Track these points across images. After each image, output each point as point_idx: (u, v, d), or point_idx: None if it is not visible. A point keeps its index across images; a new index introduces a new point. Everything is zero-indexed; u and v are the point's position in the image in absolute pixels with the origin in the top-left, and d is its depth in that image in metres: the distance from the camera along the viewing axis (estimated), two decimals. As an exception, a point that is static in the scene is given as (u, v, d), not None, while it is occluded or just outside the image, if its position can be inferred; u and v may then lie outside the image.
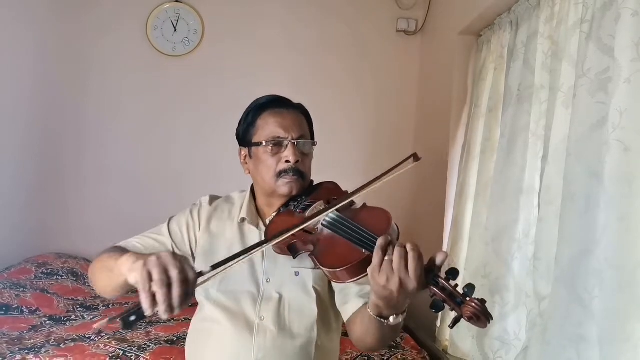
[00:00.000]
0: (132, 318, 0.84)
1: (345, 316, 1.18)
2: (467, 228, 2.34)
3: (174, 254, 0.90)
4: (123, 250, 1.17)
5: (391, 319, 0.96)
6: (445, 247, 2.54)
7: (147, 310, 0.84)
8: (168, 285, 0.85)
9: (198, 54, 3.20)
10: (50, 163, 3.06)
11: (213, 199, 1.37)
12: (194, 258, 1.29)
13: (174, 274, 0.85)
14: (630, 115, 1.36)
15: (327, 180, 1.33)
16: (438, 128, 2.88)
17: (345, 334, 1.22)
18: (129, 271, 0.92)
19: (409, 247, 0.88)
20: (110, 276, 1.04)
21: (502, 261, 1.97)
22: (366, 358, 1.99)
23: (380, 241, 0.90)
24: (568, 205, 1.55)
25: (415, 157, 1.15)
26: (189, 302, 0.87)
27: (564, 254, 1.53)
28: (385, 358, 2.01)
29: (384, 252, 0.89)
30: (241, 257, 0.97)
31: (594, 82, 1.49)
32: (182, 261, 0.88)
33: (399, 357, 2.03)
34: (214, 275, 0.93)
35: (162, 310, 0.84)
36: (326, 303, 1.24)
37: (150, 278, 0.85)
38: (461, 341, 2.23)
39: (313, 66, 3.29)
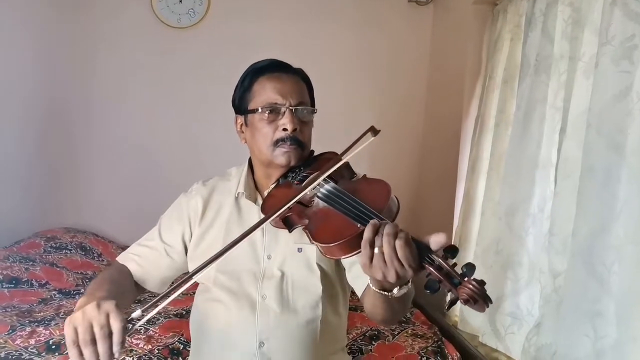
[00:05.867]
0: None
1: (358, 291, 1.14)
2: (479, 202, 2.30)
3: (98, 304, 0.87)
4: (106, 276, 1.21)
5: (395, 290, 0.90)
6: (456, 222, 2.51)
7: None
8: (93, 342, 0.84)
9: (203, 26, 3.12)
10: (58, 138, 3.03)
11: (205, 181, 1.30)
12: (186, 250, 1.24)
13: (97, 330, 0.84)
14: (656, 85, 1.31)
15: (329, 151, 1.24)
16: (450, 100, 2.81)
17: (353, 308, 1.18)
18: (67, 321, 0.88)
19: (396, 234, 0.82)
20: None
21: (516, 236, 1.94)
22: (376, 332, 1.98)
23: (367, 234, 0.83)
24: (587, 178, 1.50)
25: (374, 130, 1.06)
26: (119, 351, 0.86)
27: (581, 229, 1.50)
28: (396, 332, 2.00)
29: (372, 244, 0.83)
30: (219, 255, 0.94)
31: (618, 50, 1.43)
32: (107, 313, 0.86)
33: (409, 332, 2.02)
34: (146, 318, 0.92)
35: None
36: (332, 279, 1.19)
37: (76, 334, 0.84)
38: (472, 316, 2.21)
39: (322, 38, 3.21)
